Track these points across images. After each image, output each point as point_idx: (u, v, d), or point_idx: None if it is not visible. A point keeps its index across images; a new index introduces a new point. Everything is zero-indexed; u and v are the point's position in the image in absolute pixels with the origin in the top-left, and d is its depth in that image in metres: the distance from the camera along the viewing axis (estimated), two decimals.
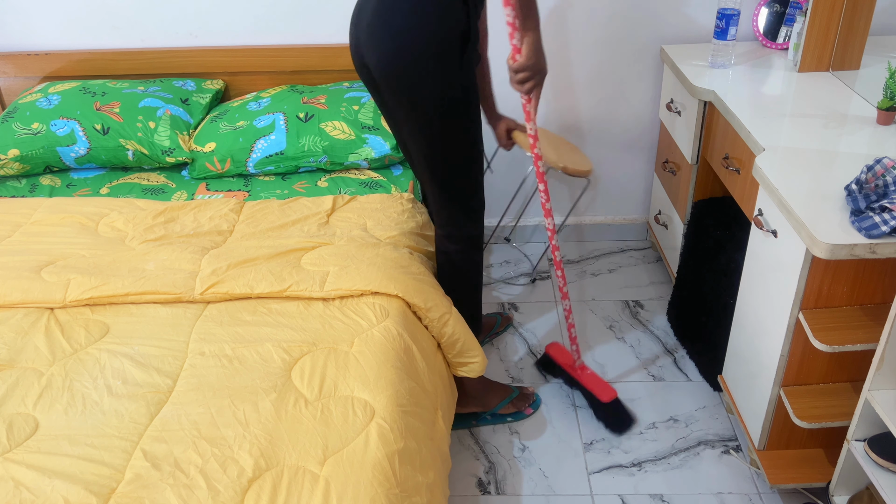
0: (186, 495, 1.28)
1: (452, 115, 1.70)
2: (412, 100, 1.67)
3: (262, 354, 1.58)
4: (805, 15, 2.09)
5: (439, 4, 1.58)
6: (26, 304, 1.75)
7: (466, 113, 1.72)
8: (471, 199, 1.86)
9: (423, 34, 1.59)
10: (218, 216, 2.08)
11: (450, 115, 1.69)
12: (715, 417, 2.11)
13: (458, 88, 1.66)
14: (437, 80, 1.63)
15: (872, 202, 1.44)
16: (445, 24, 1.59)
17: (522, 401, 2.14)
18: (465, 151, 1.78)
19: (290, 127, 2.31)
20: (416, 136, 1.74)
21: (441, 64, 1.62)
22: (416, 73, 1.62)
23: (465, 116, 1.72)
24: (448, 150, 1.76)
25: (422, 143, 1.75)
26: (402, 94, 1.66)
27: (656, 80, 2.57)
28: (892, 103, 1.80)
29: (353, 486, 1.29)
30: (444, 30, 1.59)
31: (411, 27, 1.59)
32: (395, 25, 1.60)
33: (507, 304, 2.58)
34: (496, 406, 2.11)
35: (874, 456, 1.51)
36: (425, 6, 1.58)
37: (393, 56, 1.62)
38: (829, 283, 1.57)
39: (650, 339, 2.42)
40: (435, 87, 1.64)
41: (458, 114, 1.70)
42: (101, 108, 2.36)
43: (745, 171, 1.90)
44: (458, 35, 1.61)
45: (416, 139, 1.75)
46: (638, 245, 2.89)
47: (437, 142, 1.74)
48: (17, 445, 1.39)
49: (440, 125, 1.71)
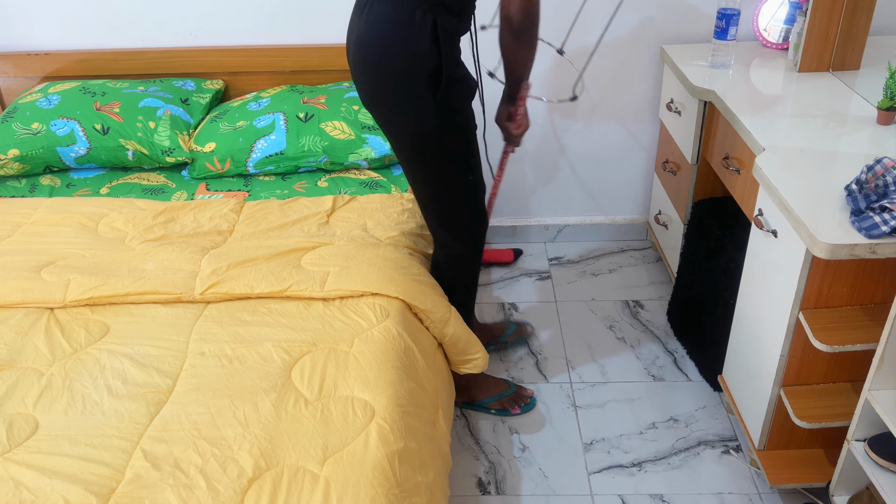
0: (186, 495, 1.28)
1: (428, 150, 1.69)
2: (390, 132, 1.71)
3: (262, 354, 1.58)
4: (805, 15, 2.09)
5: (405, 42, 1.56)
6: (26, 304, 1.75)
7: (446, 148, 1.69)
8: (462, 224, 1.87)
9: (389, 70, 1.59)
10: (218, 216, 2.08)
11: (425, 151, 1.69)
12: (715, 417, 2.11)
13: (433, 125, 1.64)
14: (409, 116, 1.63)
15: (872, 202, 1.44)
16: (411, 60, 1.57)
17: (514, 400, 2.14)
18: (454, 184, 1.78)
19: (290, 127, 2.31)
20: (401, 163, 1.78)
21: (411, 100, 1.61)
22: (388, 110, 1.66)
23: (443, 152, 1.70)
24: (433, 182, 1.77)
25: (407, 172, 1.79)
26: (380, 123, 1.71)
27: (656, 80, 2.57)
28: (892, 103, 1.80)
29: (353, 487, 1.29)
30: (408, 67, 1.57)
31: (380, 63, 1.59)
32: (369, 61, 1.61)
33: (507, 304, 2.58)
34: (482, 400, 2.13)
35: (874, 456, 1.51)
36: (392, 41, 1.57)
37: (367, 92, 1.66)
38: (829, 283, 1.57)
39: (650, 339, 2.42)
40: (407, 123, 1.65)
41: (433, 149, 1.69)
42: (101, 108, 2.36)
43: (745, 171, 1.90)
44: (427, 71, 1.58)
45: (403, 166, 1.78)
46: (638, 245, 2.89)
47: (421, 174, 1.76)
48: (17, 445, 1.39)
49: (413, 159, 1.73)
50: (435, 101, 1.61)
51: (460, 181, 1.78)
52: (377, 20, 1.57)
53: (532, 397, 2.17)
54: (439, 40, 1.56)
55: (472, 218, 1.88)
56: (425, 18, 1.54)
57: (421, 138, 1.66)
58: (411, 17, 1.54)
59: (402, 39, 1.55)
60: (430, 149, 1.69)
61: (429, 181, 1.78)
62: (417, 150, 1.70)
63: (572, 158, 2.75)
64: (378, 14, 1.57)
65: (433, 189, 1.79)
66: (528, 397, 2.16)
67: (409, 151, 1.72)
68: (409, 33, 1.55)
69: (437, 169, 1.74)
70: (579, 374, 2.29)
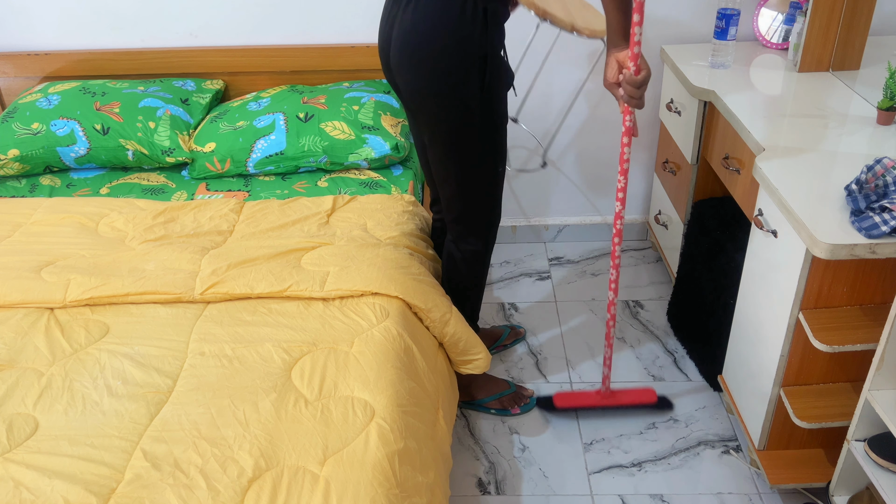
0: (186, 495, 1.28)
1: (469, 141, 1.72)
2: (433, 121, 1.72)
3: (262, 354, 1.58)
4: (805, 15, 2.09)
5: (456, 31, 1.59)
6: (26, 304, 1.75)
7: (485, 139, 1.73)
8: (485, 218, 1.90)
9: (441, 60, 1.61)
10: (218, 216, 2.08)
11: (471, 139, 1.72)
12: (715, 417, 2.11)
13: (477, 114, 1.68)
14: (456, 106, 1.66)
15: (872, 202, 1.44)
16: (462, 49, 1.60)
17: (514, 400, 2.14)
18: (487, 174, 1.80)
19: (290, 127, 2.31)
20: (438, 154, 1.79)
21: (458, 90, 1.64)
22: (437, 99, 1.66)
23: (487, 140, 1.74)
24: (468, 172, 1.79)
25: (444, 162, 1.79)
26: (424, 114, 1.72)
27: (656, 80, 2.57)
28: (892, 103, 1.80)
29: (353, 487, 1.29)
30: (460, 56, 1.60)
31: (431, 54, 1.61)
32: (420, 53, 1.63)
33: (507, 304, 2.58)
34: (482, 399, 2.13)
35: (874, 456, 1.51)
36: (443, 32, 1.59)
37: (418, 85, 1.67)
38: (829, 284, 1.57)
39: (650, 339, 2.42)
40: (454, 112, 1.67)
41: (474, 140, 1.73)
42: (101, 108, 2.36)
43: (745, 171, 1.90)
44: (477, 60, 1.61)
45: (439, 157, 1.79)
46: (638, 245, 2.89)
47: (458, 164, 1.77)
48: (17, 445, 1.39)
49: (460, 148, 1.74)
50: (482, 88, 1.64)
51: (491, 172, 1.81)
52: (427, 11, 1.59)
53: (532, 397, 2.17)
54: (488, 27, 1.59)
55: (493, 212, 1.91)
56: (476, 6, 1.57)
57: (465, 126, 1.69)
58: (463, 6, 1.57)
59: (456, 30, 1.58)
60: (472, 137, 1.72)
61: (464, 172, 1.79)
62: (460, 140, 1.72)
63: (572, 158, 2.75)
64: (427, 5, 1.59)
65: (464, 180, 1.81)
66: (527, 397, 2.16)
67: (450, 142, 1.74)
68: (462, 22, 1.58)
69: (475, 157, 1.76)
70: (579, 374, 2.29)
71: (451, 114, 1.68)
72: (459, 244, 1.94)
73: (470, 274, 1.99)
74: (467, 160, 1.77)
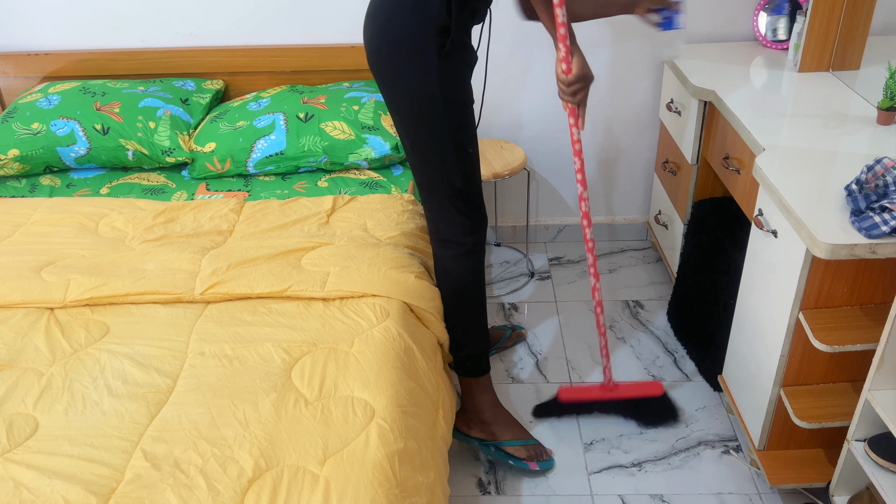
0: (186, 495, 1.28)
1: (430, 113, 1.65)
2: (392, 95, 1.68)
3: (262, 354, 1.58)
4: (805, 15, 2.09)
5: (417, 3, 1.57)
6: (26, 304, 1.75)
7: (448, 112, 1.65)
8: (458, 208, 1.76)
9: (399, 28, 1.59)
10: (218, 216, 2.08)
11: (427, 114, 1.65)
12: (715, 417, 2.11)
13: (436, 86, 1.61)
14: (412, 76, 1.62)
15: (872, 202, 1.44)
16: (420, 17, 1.57)
17: (535, 455, 1.96)
18: (450, 154, 1.69)
19: (290, 127, 2.31)
20: (400, 134, 1.74)
21: (414, 60, 1.60)
22: (393, 69, 1.63)
23: (445, 116, 1.65)
24: (428, 152, 1.70)
25: (406, 141, 1.73)
26: (385, 90, 1.69)
27: (656, 80, 2.57)
28: (892, 103, 1.80)
29: (353, 487, 1.29)
30: (417, 23, 1.58)
31: (388, 22, 1.60)
32: (377, 22, 1.63)
33: (507, 304, 2.58)
34: (504, 441, 1.95)
35: (874, 456, 1.51)
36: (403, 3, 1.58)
37: (374, 52, 1.66)
38: (829, 284, 1.57)
39: (650, 339, 2.42)
40: (410, 83, 1.63)
41: (436, 112, 1.64)
42: (101, 108, 2.36)
43: (745, 171, 1.90)
44: (436, 30, 1.57)
45: (402, 137, 1.74)
46: (638, 245, 2.89)
47: (417, 142, 1.70)
48: (17, 445, 1.39)
49: (417, 123, 1.67)
50: (438, 62, 1.60)
51: (461, 153, 1.70)
52: None
53: (552, 459, 2.00)
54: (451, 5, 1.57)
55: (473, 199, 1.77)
56: None
57: (424, 103, 1.63)
58: None
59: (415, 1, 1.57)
60: (433, 114, 1.64)
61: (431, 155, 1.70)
62: (421, 118, 1.66)
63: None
64: None
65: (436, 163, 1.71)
66: (546, 455, 1.98)
67: (412, 121, 1.67)
68: None
69: (440, 138, 1.67)
70: (579, 374, 2.29)
71: (409, 86, 1.62)
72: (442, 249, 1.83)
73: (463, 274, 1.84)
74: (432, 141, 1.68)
